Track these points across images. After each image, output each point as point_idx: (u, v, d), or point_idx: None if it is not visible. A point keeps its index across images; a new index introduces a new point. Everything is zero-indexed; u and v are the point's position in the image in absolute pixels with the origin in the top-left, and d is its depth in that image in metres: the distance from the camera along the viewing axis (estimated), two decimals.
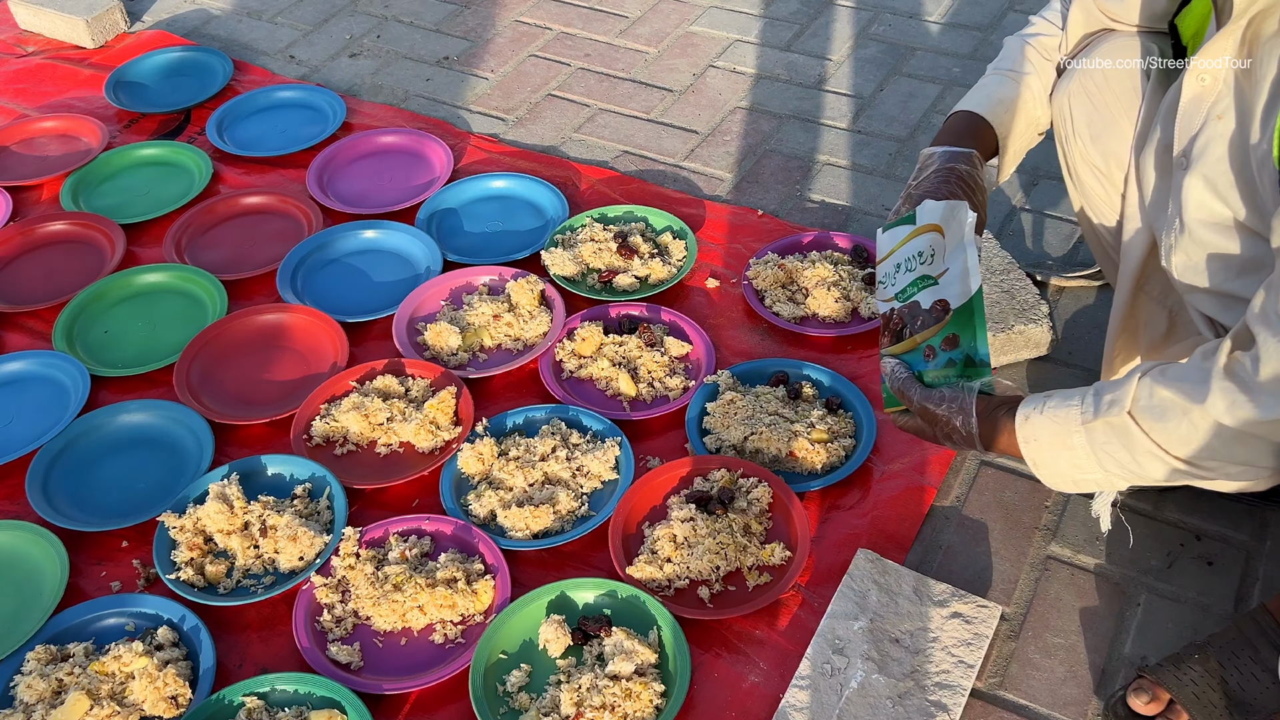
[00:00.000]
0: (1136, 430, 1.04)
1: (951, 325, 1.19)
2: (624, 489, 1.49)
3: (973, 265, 1.19)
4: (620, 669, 1.26)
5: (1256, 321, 0.99)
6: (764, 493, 1.46)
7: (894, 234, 1.29)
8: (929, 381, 1.20)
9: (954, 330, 1.18)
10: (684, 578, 1.39)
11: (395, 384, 1.66)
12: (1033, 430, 1.11)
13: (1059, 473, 1.12)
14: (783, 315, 1.77)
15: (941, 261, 1.22)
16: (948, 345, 1.19)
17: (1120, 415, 1.05)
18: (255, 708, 1.27)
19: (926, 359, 1.21)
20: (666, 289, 1.84)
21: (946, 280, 1.21)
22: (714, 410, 1.58)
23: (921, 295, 1.23)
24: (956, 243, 1.21)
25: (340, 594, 1.40)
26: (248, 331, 1.78)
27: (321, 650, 1.34)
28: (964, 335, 1.17)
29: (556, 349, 1.73)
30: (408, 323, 1.79)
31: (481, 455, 1.54)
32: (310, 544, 1.43)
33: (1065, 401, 1.10)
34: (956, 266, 1.20)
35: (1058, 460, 1.11)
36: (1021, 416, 1.12)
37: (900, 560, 1.40)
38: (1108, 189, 1.37)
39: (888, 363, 1.25)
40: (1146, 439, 1.04)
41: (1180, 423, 1.01)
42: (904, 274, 1.26)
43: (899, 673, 1.26)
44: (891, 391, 1.24)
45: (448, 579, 1.39)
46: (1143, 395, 1.04)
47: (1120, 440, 1.06)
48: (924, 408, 1.19)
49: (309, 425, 1.61)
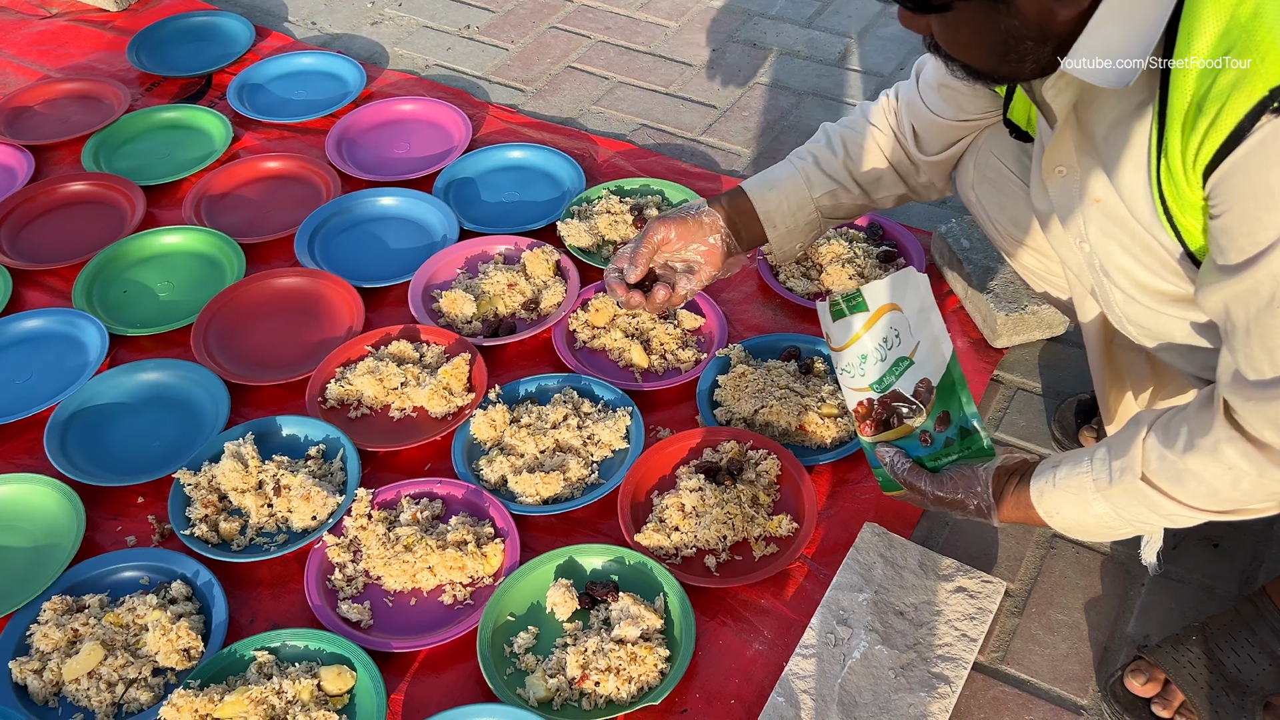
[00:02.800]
0: (1155, 493, 1.02)
1: (939, 403, 1.18)
2: (634, 458, 1.50)
3: (939, 330, 1.18)
4: (626, 633, 1.28)
5: (1228, 391, 0.95)
6: (773, 465, 1.47)
7: (847, 324, 1.27)
8: (932, 467, 1.19)
9: (943, 408, 1.18)
10: (691, 546, 1.40)
11: (410, 349, 1.67)
12: (1052, 504, 1.09)
13: (1090, 533, 1.10)
14: (796, 291, 1.78)
15: (910, 336, 1.21)
16: (941, 425, 1.18)
17: (1134, 482, 1.02)
18: (266, 662, 1.29)
19: (924, 444, 1.20)
20: None
21: (921, 356, 1.20)
22: (725, 383, 1.59)
23: (901, 381, 1.22)
24: (917, 310, 1.20)
25: (351, 554, 1.42)
26: (265, 294, 1.79)
27: (332, 608, 1.36)
28: (952, 409, 1.17)
29: (570, 319, 1.74)
30: (423, 289, 1.80)
31: (494, 421, 1.55)
32: (323, 504, 1.44)
33: (1074, 470, 1.07)
34: (927, 336, 1.19)
35: (1085, 524, 1.09)
36: (1036, 493, 1.10)
37: (907, 535, 1.41)
38: (1045, 262, 1.35)
39: (885, 453, 1.23)
40: (1167, 499, 1.01)
41: (1198, 483, 0.98)
42: (875, 364, 1.24)
43: (902, 644, 1.27)
44: (898, 484, 1.23)
45: (458, 541, 1.40)
46: (1152, 458, 1.01)
47: (1141, 502, 1.03)
48: (938, 496, 1.18)
49: (324, 388, 1.63)
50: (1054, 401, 1.59)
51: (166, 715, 1.22)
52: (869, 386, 1.25)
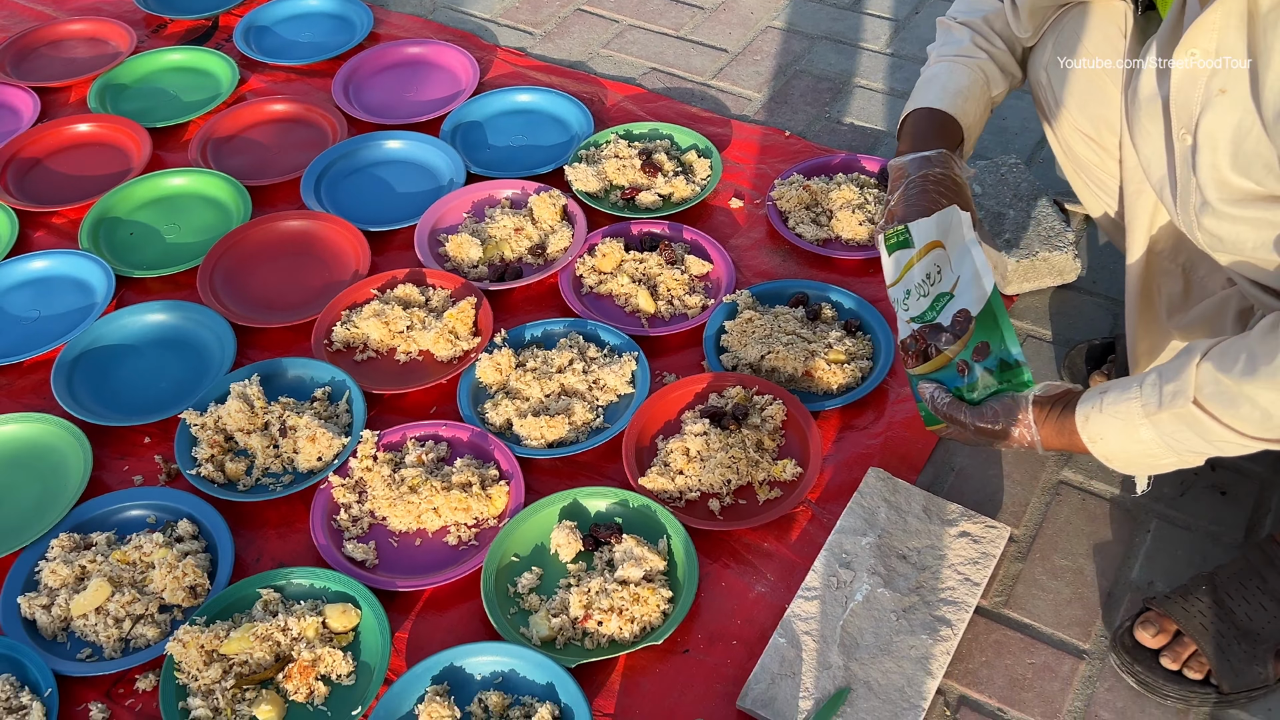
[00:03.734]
0: (1207, 419, 1.00)
1: (977, 333, 1.16)
2: (639, 402, 1.50)
3: (982, 266, 1.16)
4: (629, 574, 1.28)
5: None
6: (778, 410, 1.47)
7: (898, 259, 1.26)
8: (971, 399, 1.17)
9: (981, 338, 1.16)
10: (695, 490, 1.41)
11: (416, 293, 1.67)
12: (1097, 429, 1.08)
13: (1132, 463, 1.08)
14: (805, 237, 1.76)
15: (950, 272, 1.20)
16: (979, 355, 1.16)
17: (1185, 405, 1.00)
18: (272, 600, 1.30)
19: (961, 375, 1.18)
20: (689, 208, 1.83)
21: (961, 289, 1.18)
22: (732, 329, 1.58)
23: (941, 315, 1.21)
24: (959, 247, 1.18)
25: (357, 494, 1.43)
26: (271, 237, 1.79)
27: (337, 547, 1.37)
28: (992, 340, 1.14)
29: (577, 264, 1.73)
30: (429, 233, 1.79)
31: (499, 365, 1.55)
32: (329, 445, 1.45)
33: (1123, 395, 1.05)
34: (967, 272, 1.17)
35: (1129, 453, 1.07)
36: (1081, 417, 1.08)
37: (912, 480, 1.41)
38: (1102, 156, 1.32)
39: (925, 387, 1.21)
40: (1219, 425, 0.99)
41: (1253, 408, 0.97)
42: (918, 299, 1.23)
43: (904, 587, 1.27)
44: (938, 417, 1.21)
45: (463, 483, 1.41)
46: (1207, 382, 0.99)
47: (1192, 429, 1.01)
48: (979, 427, 1.16)
49: (330, 330, 1.63)
50: (1064, 349, 1.58)
51: (173, 650, 1.23)
52: (912, 320, 1.24)
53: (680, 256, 1.74)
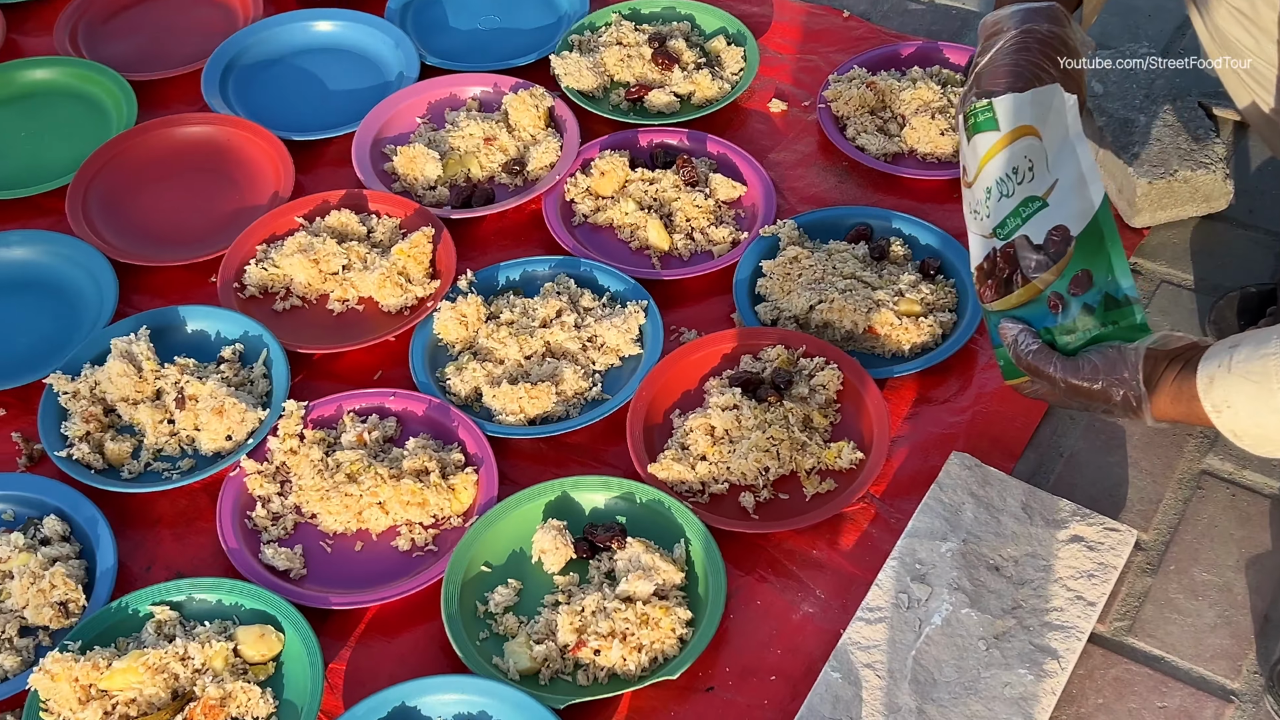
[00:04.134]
0: None
1: (1078, 258, 1.16)
2: (648, 367, 1.51)
3: (1089, 168, 1.15)
4: (636, 590, 1.29)
5: None
6: (832, 377, 1.47)
7: (978, 146, 1.25)
8: (1065, 345, 1.17)
9: (1082, 264, 1.15)
10: (722, 481, 1.41)
11: (355, 223, 1.67)
12: (1223, 395, 1.07)
13: (1270, 437, 1.08)
14: (869, 150, 1.76)
15: (1046, 172, 1.19)
16: (1078, 287, 1.16)
17: None
18: (167, 620, 1.31)
19: (1054, 311, 1.18)
20: (716, 111, 1.82)
21: (1058, 197, 1.17)
22: (772, 271, 1.58)
23: (1029, 226, 1.20)
24: (1060, 141, 1.18)
25: (278, 484, 1.43)
26: (163, 148, 1.79)
27: (253, 553, 1.38)
28: (1097, 268, 1.14)
29: (567, 185, 1.73)
30: (372, 144, 1.79)
31: (465, 318, 1.55)
32: (240, 420, 1.46)
33: (1259, 350, 1.05)
34: (1068, 174, 1.17)
35: (1264, 424, 1.06)
36: (1205, 379, 1.08)
37: (1007, 469, 1.42)
38: (1258, 37, 1.32)
39: (1007, 328, 1.21)
40: None
41: None
42: (999, 201, 1.22)
43: (997, 608, 1.28)
44: (1023, 369, 1.21)
45: (417, 470, 1.41)
46: None
47: None
48: (1071, 385, 1.16)
49: (241, 271, 1.63)
50: (1209, 297, 1.58)
51: (39, 684, 1.24)
52: (992, 233, 1.24)
53: (703, 176, 1.73)
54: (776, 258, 1.60)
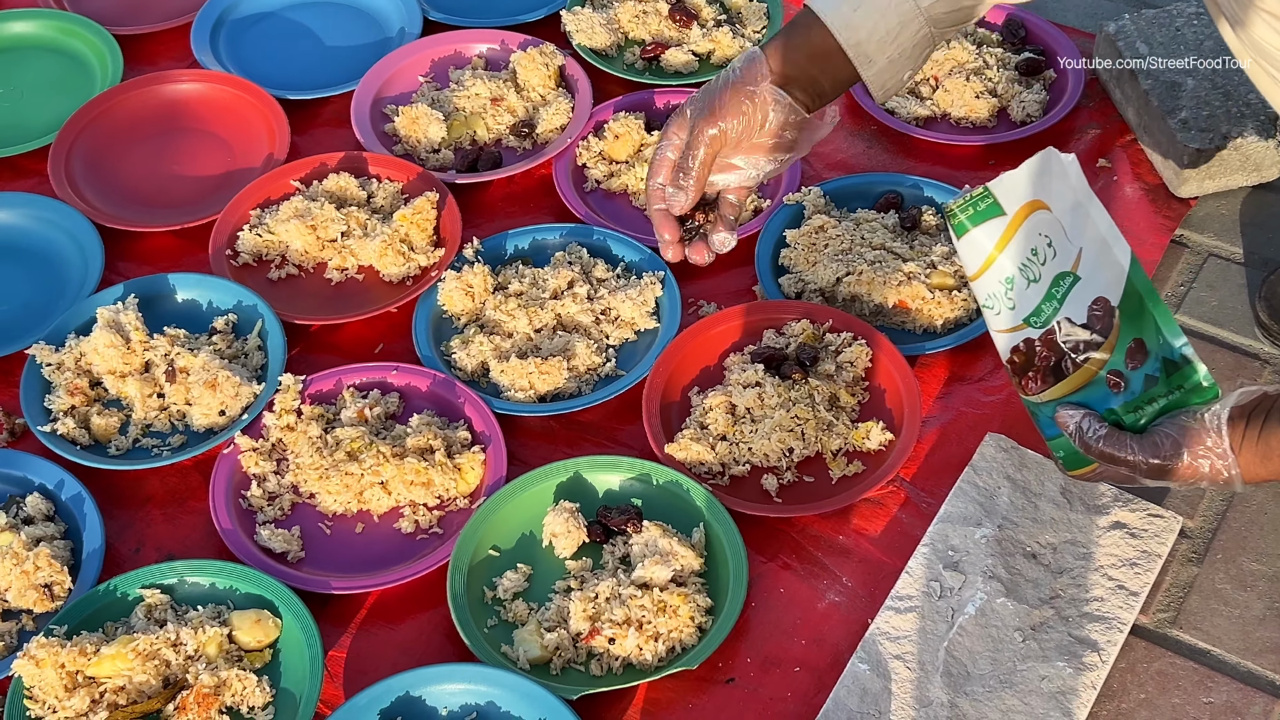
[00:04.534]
0: None
1: (1126, 328, 1.13)
2: (665, 342, 1.51)
3: (1107, 229, 1.12)
4: (652, 575, 1.29)
5: None
6: (860, 353, 1.47)
7: (975, 241, 1.21)
8: (1134, 422, 1.15)
9: (1132, 334, 1.13)
10: (744, 462, 1.41)
11: (354, 187, 1.67)
12: None
13: None
14: (900, 114, 1.76)
15: (1068, 243, 1.16)
16: (1135, 359, 1.13)
17: None
18: (158, 604, 1.31)
19: (1115, 390, 1.15)
20: None
21: (1088, 267, 1.15)
22: (796, 241, 1.58)
23: (1068, 306, 1.17)
24: (1071, 207, 1.14)
25: (275, 463, 1.44)
26: (151, 107, 1.79)
27: (248, 534, 1.38)
28: (1146, 334, 1.12)
29: (579, 149, 1.73)
30: (372, 104, 1.79)
31: (471, 288, 1.55)
32: (234, 394, 1.46)
33: None
34: (1090, 241, 1.14)
35: None
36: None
37: (1044, 452, 1.41)
38: None
39: (1070, 416, 1.17)
40: None
41: None
42: (1025, 289, 1.19)
43: (1034, 598, 1.28)
44: (1094, 457, 1.17)
45: (421, 449, 1.41)
46: None
47: None
48: (1154, 465, 1.12)
49: (234, 237, 1.63)
50: (1259, 272, 1.57)
51: (22, 670, 1.24)
52: (1024, 322, 1.20)
53: None
54: (801, 227, 1.60)
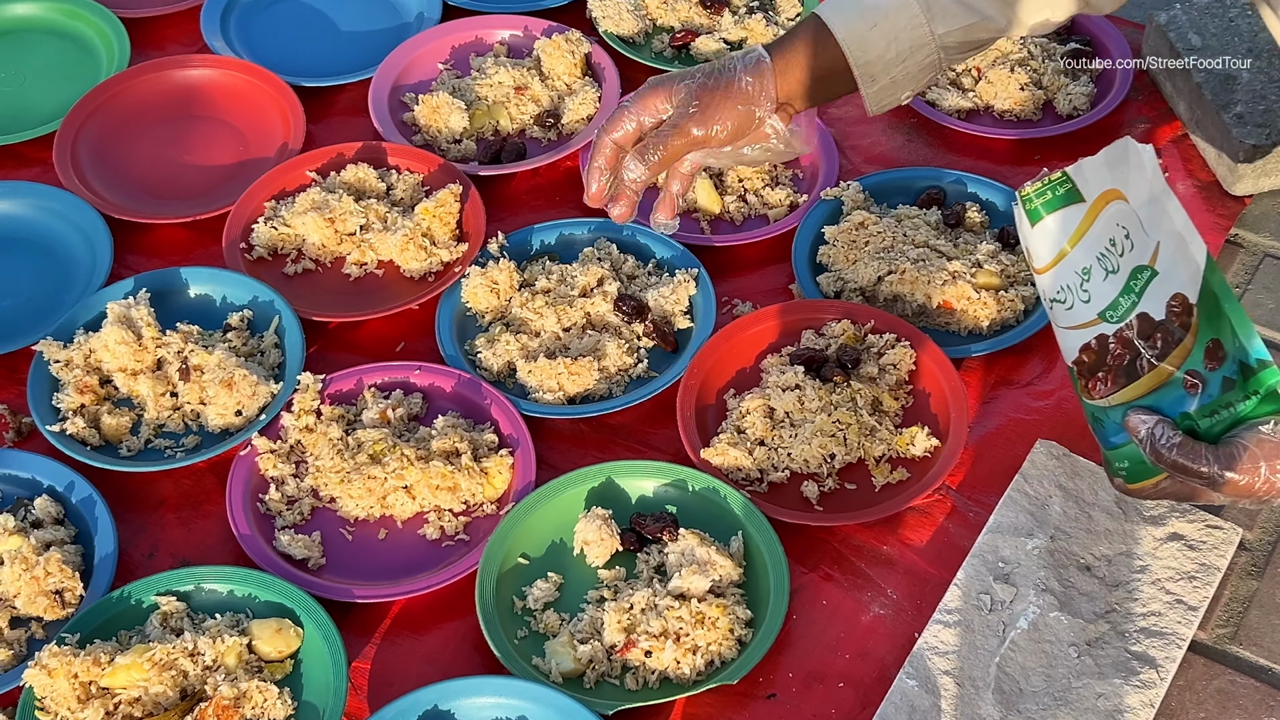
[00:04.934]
0: None
1: (1204, 327, 1.10)
2: (700, 342, 1.52)
3: (1183, 224, 1.10)
4: (689, 586, 1.30)
5: None
6: (904, 355, 1.48)
7: (1049, 229, 1.22)
8: (1209, 430, 1.11)
9: (1210, 333, 1.11)
10: (783, 468, 1.42)
11: (373, 178, 1.68)
12: None
13: None
14: (940, 106, 1.77)
15: (1145, 236, 1.15)
16: (1213, 360, 1.09)
17: None
18: (174, 611, 1.32)
19: (1191, 393, 1.12)
20: None
21: (1165, 262, 1.13)
22: (835, 238, 1.60)
23: (1147, 300, 1.15)
24: (1147, 199, 1.12)
25: (294, 465, 1.45)
26: (160, 93, 1.80)
27: (267, 540, 1.39)
28: (1223, 334, 1.09)
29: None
30: (390, 92, 1.80)
31: (496, 285, 1.56)
32: (251, 394, 1.47)
33: None
34: (1167, 235, 1.12)
35: None
36: None
37: (1097, 459, 1.42)
38: None
39: (1141, 423, 1.13)
40: None
41: None
42: (1103, 280, 1.18)
43: (1089, 612, 1.29)
44: (1164, 467, 1.13)
45: (446, 452, 1.42)
46: None
47: None
48: (1232, 481, 1.07)
49: (249, 230, 1.64)
50: None
51: (33, 680, 1.25)
52: (1099, 317, 1.19)
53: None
54: (840, 223, 1.61)
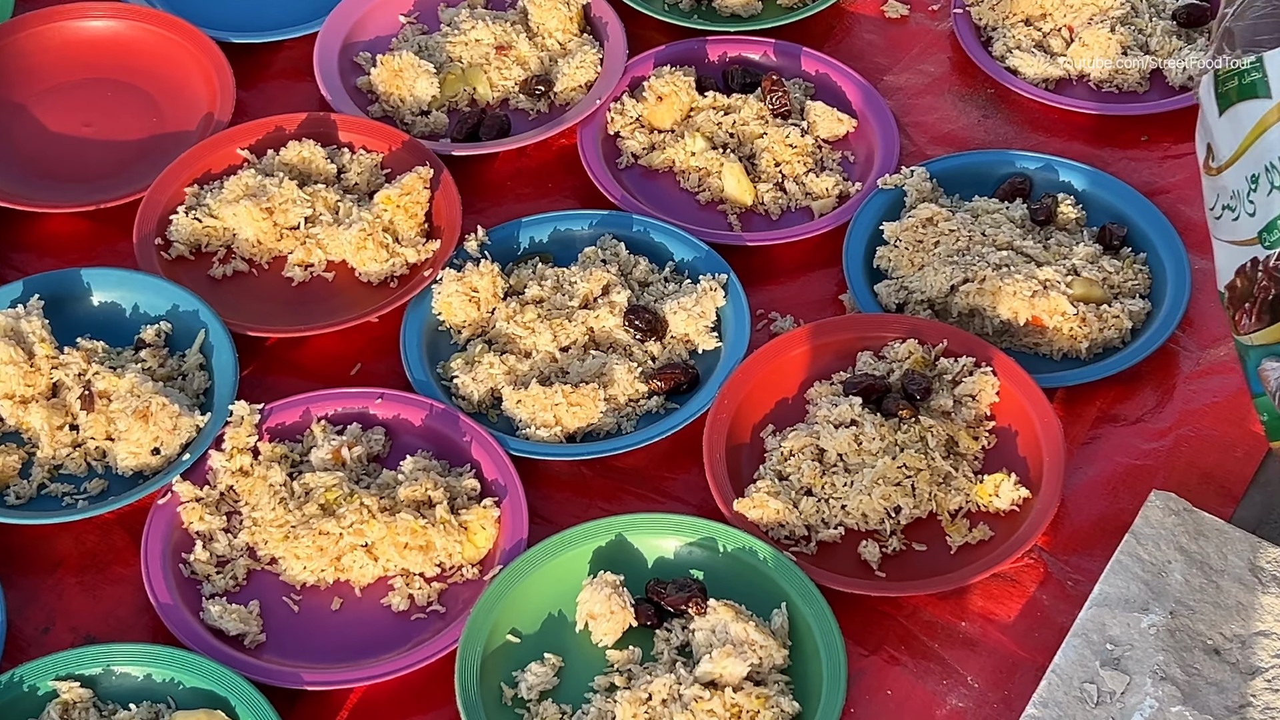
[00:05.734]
0: None
1: None
2: (731, 366, 1.51)
3: None
4: (722, 671, 1.29)
5: None
6: (985, 385, 1.48)
7: (1235, 118, 1.24)
8: None
9: None
10: (836, 524, 1.42)
11: (320, 158, 1.68)
12: None
13: None
14: (1024, 74, 1.77)
15: None
16: None
17: None
18: (76, 700, 1.30)
19: None
20: (813, 15, 1.83)
21: None
22: (897, 237, 1.59)
23: None
24: None
25: (225, 517, 1.43)
26: (52, 51, 1.80)
27: (193, 611, 1.38)
28: None
29: (610, 114, 1.74)
30: (340, 51, 1.80)
31: (475, 293, 1.56)
32: (171, 427, 1.45)
33: None
34: None
35: None
36: None
37: (1226, 515, 1.42)
38: None
39: (1272, 370, 1.21)
40: None
41: None
42: (1267, 195, 1.21)
43: (1220, 706, 1.28)
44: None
45: (417, 501, 1.41)
46: None
47: None
48: None
49: (166, 222, 1.63)
50: None
51: None
52: (1255, 236, 1.23)
53: (798, 105, 1.74)
54: (902, 219, 1.61)
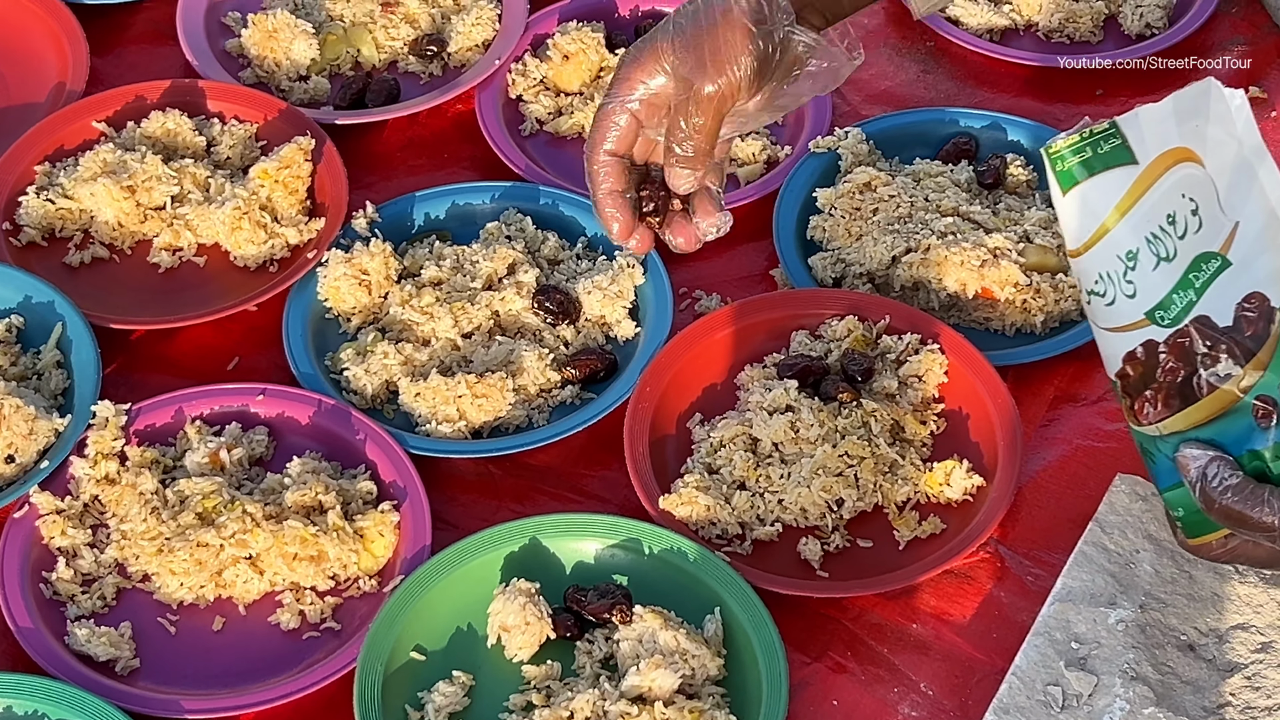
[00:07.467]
0: None
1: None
2: (653, 349, 1.53)
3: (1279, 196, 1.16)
4: (652, 685, 1.29)
5: None
6: (932, 363, 1.50)
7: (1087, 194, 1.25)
8: None
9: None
10: (773, 520, 1.43)
11: (187, 130, 1.68)
12: None
13: None
14: (967, 25, 1.80)
15: (1220, 215, 1.18)
16: None
17: None
18: None
19: (1263, 424, 1.16)
20: None
21: (1243, 250, 1.17)
22: (832, 205, 1.61)
23: (1209, 299, 1.18)
24: (1232, 164, 1.17)
25: (90, 531, 1.43)
26: None
27: (56, 635, 1.37)
28: None
29: (511, 75, 1.76)
30: (207, 10, 1.80)
31: (366, 276, 1.57)
32: (27, 432, 1.45)
33: None
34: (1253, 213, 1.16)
35: None
36: None
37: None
38: None
39: (1192, 458, 1.20)
40: None
41: None
42: (1154, 269, 1.22)
43: (1196, 707, 1.30)
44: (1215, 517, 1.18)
45: (306, 508, 1.42)
46: None
47: None
48: None
49: (13, 205, 1.63)
50: None
51: None
52: (1146, 317, 1.22)
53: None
54: (837, 185, 1.63)
